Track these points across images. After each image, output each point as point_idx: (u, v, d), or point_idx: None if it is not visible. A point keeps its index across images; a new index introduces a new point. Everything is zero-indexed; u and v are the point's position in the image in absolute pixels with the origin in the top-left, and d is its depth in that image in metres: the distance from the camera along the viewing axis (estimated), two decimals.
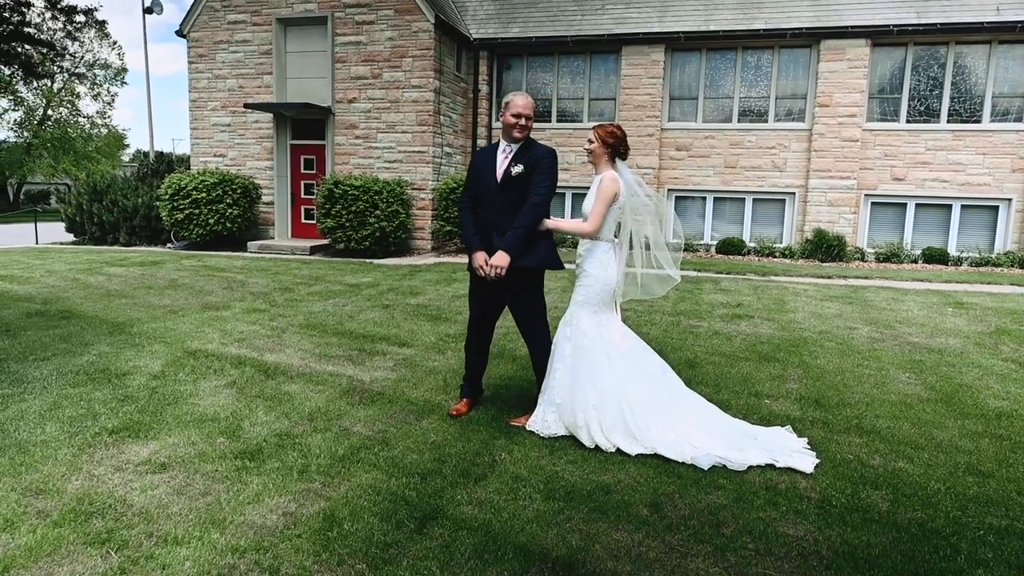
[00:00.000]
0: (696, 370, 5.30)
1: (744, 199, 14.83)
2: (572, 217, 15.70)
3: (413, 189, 13.98)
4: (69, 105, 44.82)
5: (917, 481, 3.36)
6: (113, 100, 54.94)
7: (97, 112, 49.12)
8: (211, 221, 13.81)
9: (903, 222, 14.00)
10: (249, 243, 14.19)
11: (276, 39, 14.60)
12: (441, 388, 4.77)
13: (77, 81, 43.18)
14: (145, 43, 22.84)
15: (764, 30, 13.93)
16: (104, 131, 47.57)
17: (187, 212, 13.88)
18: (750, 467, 3.46)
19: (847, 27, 13.49)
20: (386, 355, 5.69)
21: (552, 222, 3.99)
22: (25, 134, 43.24)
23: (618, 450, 3.64)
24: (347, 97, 14.38)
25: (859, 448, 3.77)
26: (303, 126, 15.00)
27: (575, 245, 15.06)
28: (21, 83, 29.37)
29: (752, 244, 14.52)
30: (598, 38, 14.82)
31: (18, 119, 43.21)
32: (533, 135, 4.29)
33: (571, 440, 3.82)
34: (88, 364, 5.31)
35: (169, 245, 14.94)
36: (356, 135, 14.46)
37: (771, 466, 3.49)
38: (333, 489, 3.23)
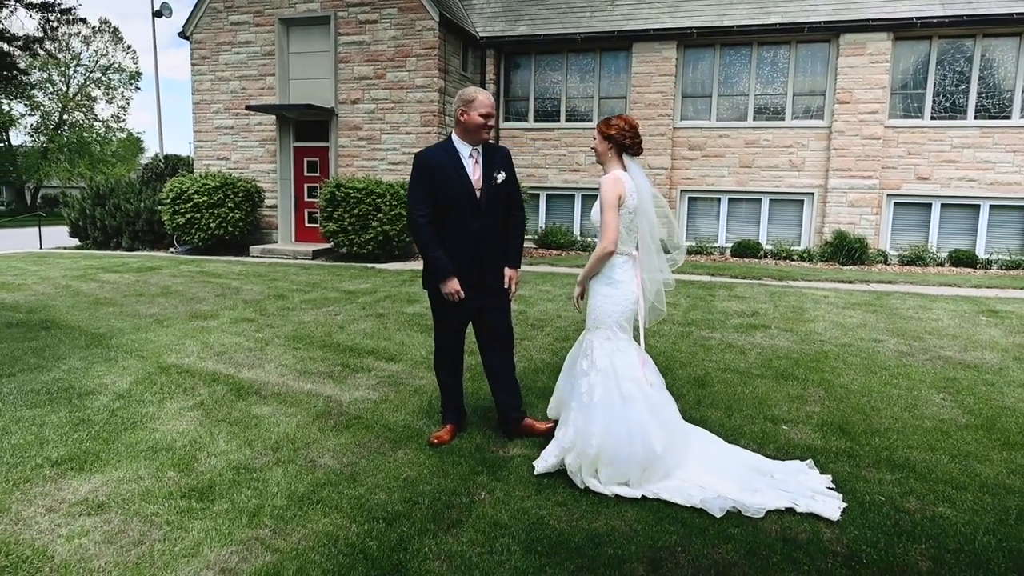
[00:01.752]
0: (706, 390, 4.84)
1: (760, 200, 14.29)
2: (581, 219, 15.26)
3: None
4: (84, 109, 45.13)
5: (962, 532, 2.89)
6: (128, 104, 55.24)
7: (112, 116, 49.44)
8: (212, 225, 13.53)
9: (928, 223, 13.39)
10: (251, 247, 13.89)
11: (279, 40, 14.30)
12: (424, 411, 4.35)
13: (85, 83, 43.42)
14: (155, 46, 22.69)
15: (780, 24, 13.39)
16: (121, 135, 47.88)
17: (188, 216, 13.60)
18: (767, 512, 3.01)
19: (868, 20, 12.92)
20: (371, 371, 5.28)
21: (583, 272, 3.55)
22: (41, 138, 43.56)
23: (615, 495, 3.20)
24: (350, 98, 14.03)
25: (891, 487, 3.30)
26: (306, 128, 14.68)
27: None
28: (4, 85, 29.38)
29: (769, 247, 13.98)
30: (608, 35, 14.36)
31: (34, 123, 43.59)
32: (543, 134, 3.94)
33: (561, 476, 3.38)
34: (53, 381, 4.96)
35: (172, 250, 14.68)
36: (360, 136, 14.11)
37: (791, 510, 3.03)
38: (284, 538, 2.82)
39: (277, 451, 3.70)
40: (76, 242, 16.31)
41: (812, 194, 13.84)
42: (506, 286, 3.87)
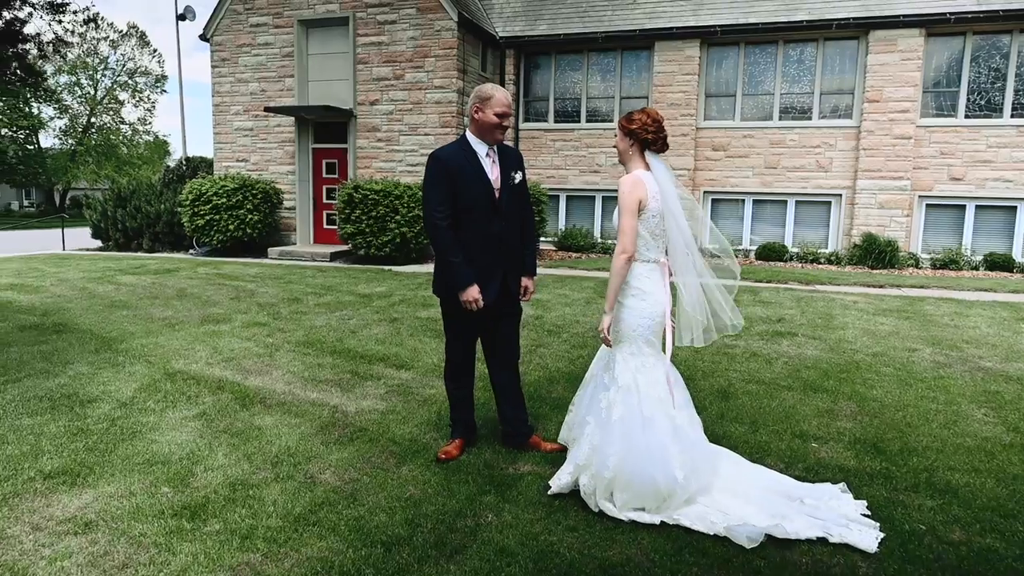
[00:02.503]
0: (729, 402, 4.59)
1: (786, 201, 13.93)
2: (601, 221, 15.02)
3: None
4: (112, 113, 45.83)
5: (1013, 567, 2.63)
6: (153, 107, 55.98)
7: (138, 119, 50.16)
8: (231, 227, 13.52)
9: (962, 225, 12.95)
10: (270, 249, 13.84)
11: (298, 41, 14.25)
12: (433, 424, 4.17)
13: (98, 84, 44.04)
14: (178, 49, 22.89)
15: (807, 21, 13.04)
16: (148, 138, 48.57)
17: (207, 218, 13.61)
18: (795, 542, 2.77)
19: (899, 16, 12.52)
20: (380, 379, 5.11)
21: (608, 294, 3.16)
22: (70, 141, 44.30)
23: (631, 520, 2.98)
24: (369, 99, 13.94)
25: (933, 515, 3.04)
26: (325, 129, 14.62)
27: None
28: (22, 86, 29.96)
29: (795, 249, 13.61)
30: (629, 34, 14.11)
31: (63, 126, 44.35)
32: (563, 135, 3.75)
33: (574, 498, 3.17)
34: (57, 388, 4.86)
35: (191, 251, 14.71)
36: (378, 138, 14.01)
37: (823, 540, 2.79)
38: (275, 564, 2.65)
39: (276, 466, 3.54)
40: (98, 244, 16.41)
41: (840, 195, 13.46)
42: (523, 296, 3.73)
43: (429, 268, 12.09)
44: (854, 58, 13.28)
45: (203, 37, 15.42)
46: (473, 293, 3.42)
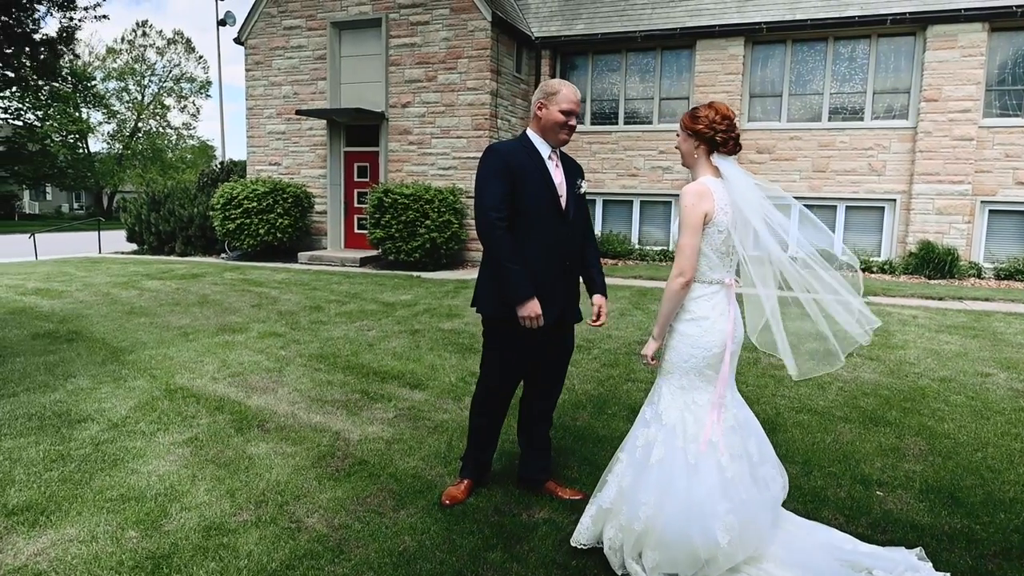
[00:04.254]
0: (778, 436, 4.05)
1: (835, 207, 13.16)
2: (639, 227, 14.44)
3: (467, 197, 13.05)
4: (158, 117, 46.87)
5: None
6: (198, 112, 57.07)
7: (183, 124, 51.24)
8: (262, 231, 13.36)
9: None
10: (300, 254, 13.66)
11: (330, 43, 14.05)
12: (441, 456, 3.74)
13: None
14: (219, 54, 23.10)
15: (859, 17, 12.29)
16: (192, 142, 49.55)
17: (238, 222, 13.48)
18: None
19: (960, 10, 11.69)
20: (391, 401, 4.71)
21: (659, 318, 2.69)
22: (117, 145, 45.42)
23: None
24: (401, 101, 13.64)
25: None
26: (357, 132, 14.39)
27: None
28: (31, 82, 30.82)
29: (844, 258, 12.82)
30: (670, 32, 13.53)
31: (111, 131, 45.50)
32: (600, 138, 3.32)
33: (595, 555, 2.70)
34: (51, 404, 4.58)
35: (223, 255, 14.63)
36: (410, 141, 13.70)
37: None
38: None
39: (260, 506, 3.15)
40: (134, 247, 16.49)
41: (894, 200, 12.65)
42: (595, 318, 3.20)
43: (458, 275, 11.70)
44: (910, 55, 12.49)
45: (238, 40, 15.35)
46: (535, 308, 2.91)
